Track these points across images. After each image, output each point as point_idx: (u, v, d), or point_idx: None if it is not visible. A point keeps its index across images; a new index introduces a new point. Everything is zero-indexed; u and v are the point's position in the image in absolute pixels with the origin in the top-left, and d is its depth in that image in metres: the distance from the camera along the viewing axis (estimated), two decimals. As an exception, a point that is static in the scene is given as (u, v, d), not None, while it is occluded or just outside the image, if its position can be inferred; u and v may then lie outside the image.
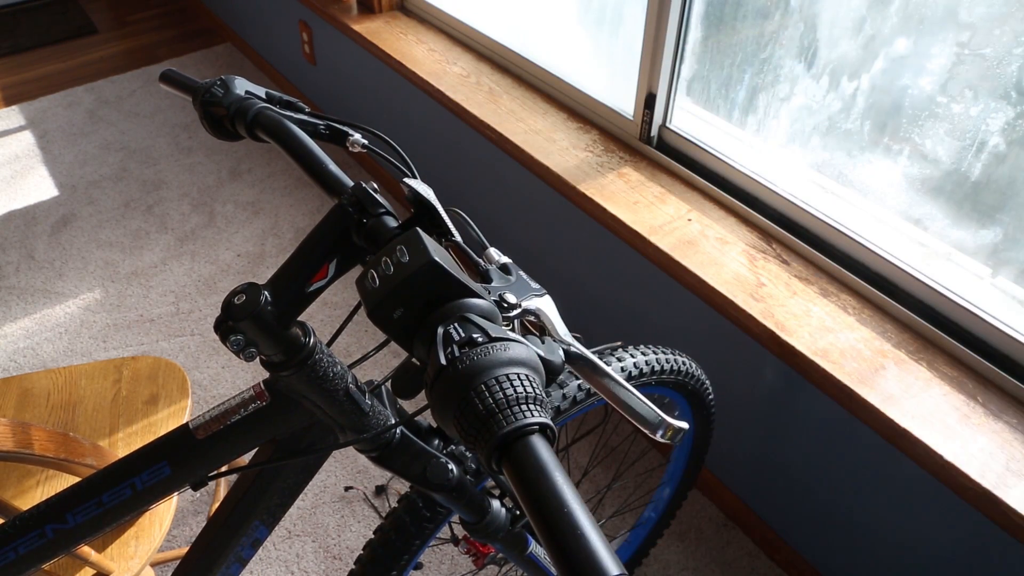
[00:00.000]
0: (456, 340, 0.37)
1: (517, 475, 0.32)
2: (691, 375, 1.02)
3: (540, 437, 0.34)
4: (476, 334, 0.38)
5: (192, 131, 2.76)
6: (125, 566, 1.05)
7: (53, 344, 1.99)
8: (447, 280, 0.40)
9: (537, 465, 0.32)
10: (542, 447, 0.33)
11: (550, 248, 1.73)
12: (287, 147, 0.62)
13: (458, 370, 0.36)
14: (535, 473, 0.32)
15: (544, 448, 0.33)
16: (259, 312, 0.49)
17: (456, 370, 0.36)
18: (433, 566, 1.51)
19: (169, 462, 0.58)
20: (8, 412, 1.22)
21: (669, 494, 1.28)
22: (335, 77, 2.44)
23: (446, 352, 0.37)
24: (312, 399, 0.57)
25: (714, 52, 1.35)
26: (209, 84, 0.67)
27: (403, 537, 0.85)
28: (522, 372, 0.36)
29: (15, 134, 2.78)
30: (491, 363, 0.36)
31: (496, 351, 0.36)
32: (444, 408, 0.36)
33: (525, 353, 0.37)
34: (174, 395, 1.26)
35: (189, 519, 1.61)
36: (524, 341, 0.39)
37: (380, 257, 0.41)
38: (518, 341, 0.38)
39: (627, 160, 1.47)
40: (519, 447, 0.33)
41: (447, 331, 0.38)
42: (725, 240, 1.28)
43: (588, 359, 0.45)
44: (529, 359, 0.37)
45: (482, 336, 0.37)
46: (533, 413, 0.34)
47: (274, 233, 2.32)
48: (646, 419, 0.44)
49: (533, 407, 0.35)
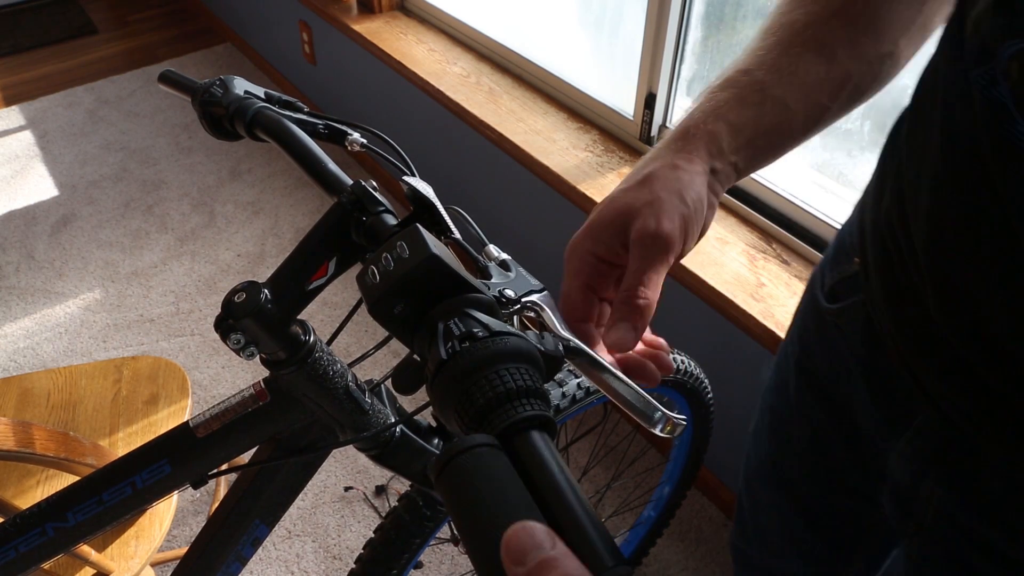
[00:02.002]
0: (457, 335, 0.37)
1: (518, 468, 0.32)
2: (690, 374, 1.03)
3: (541, 430, 0.34)
4: (476, 329, 0.38)
5: (192, 131, 2.77)
6: (125, 566, 1.05)
7: (53, 344, 2.00)
8: (447, 275, 0.40)
9: (538, 458, 0.32)
10: (543, 440, 0.33)
11: (550, 247, 1.73)
12: (286, 146, 0.62)
13: (459, 364, 0.36)
14: (536, 466, 0.32)
15: (545, 441, 0.33)
16: (259, 310, 0.49)
17: (457, 364, 0.36)
18: (433, 565, 1.51)
19: (169, 460, 0.58)
20: (8, 412, 1.22)
21: (668, 493, 1.28)
22: (335, 77, 2.44)
23: (447, 347, 0.37)
24: (312, 397, 0.57)
25: (714, 52, 1.35)
26: (208, 84, 0.67)
27: (403, 536, 0.85)
28: (522, 366, 0.36)
29: (15, 134, 2.78)
30: (491, 357, 0.36)
31: (496, 345, 0.37)
32: (445, 402, 0.36)
33: (525, 347, 0.38)
34: (174, 395, 1.26)
35: (189, 519, 1.61)
36: (524, 336, 0.39)
37: (380, 253, 0.41)
38: (518, 335, 0.38)
39: (627, 160, 1.47)
40: (520, 440, 0.33)
41: (447, 326, 0.38)
42: (725, 240, 1.29)
43: (586, 353, 0.45)
44: (529, 353, 0.38)
45: (482, 331, 0.37)
46: (534, 406, 0.34)
47: (274, 233, 2.32)
48: (645, 413, 0.44)
49: (534, 401, 0.35)
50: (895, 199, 0.50)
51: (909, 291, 0.49)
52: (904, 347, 0.51)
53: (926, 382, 0.50)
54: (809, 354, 0.67)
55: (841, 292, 0.61)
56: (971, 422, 0.48)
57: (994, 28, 0.37)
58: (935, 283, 0.46)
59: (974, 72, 0.38)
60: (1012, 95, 0.36)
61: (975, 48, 0.39)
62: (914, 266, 0.48)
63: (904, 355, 0.52)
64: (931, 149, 0.44)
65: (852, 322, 0.59)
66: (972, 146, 0.40)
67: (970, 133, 0.40)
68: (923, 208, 0.45)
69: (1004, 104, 0.36)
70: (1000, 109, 0.37)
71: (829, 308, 0.62)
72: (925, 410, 0.53)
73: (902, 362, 0.52)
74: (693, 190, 0.46)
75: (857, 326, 0.59)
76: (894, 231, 0.50)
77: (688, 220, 0.46)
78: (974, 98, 0.39)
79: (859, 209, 0.60)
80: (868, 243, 0.55)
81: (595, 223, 0.47)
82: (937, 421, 0.52)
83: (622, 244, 0.46)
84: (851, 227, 0.62)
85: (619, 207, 0.46)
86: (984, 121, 0.38)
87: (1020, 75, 0.35)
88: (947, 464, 0.52)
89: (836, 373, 0.63)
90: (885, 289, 0.52)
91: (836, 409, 0.65)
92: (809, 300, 0.68)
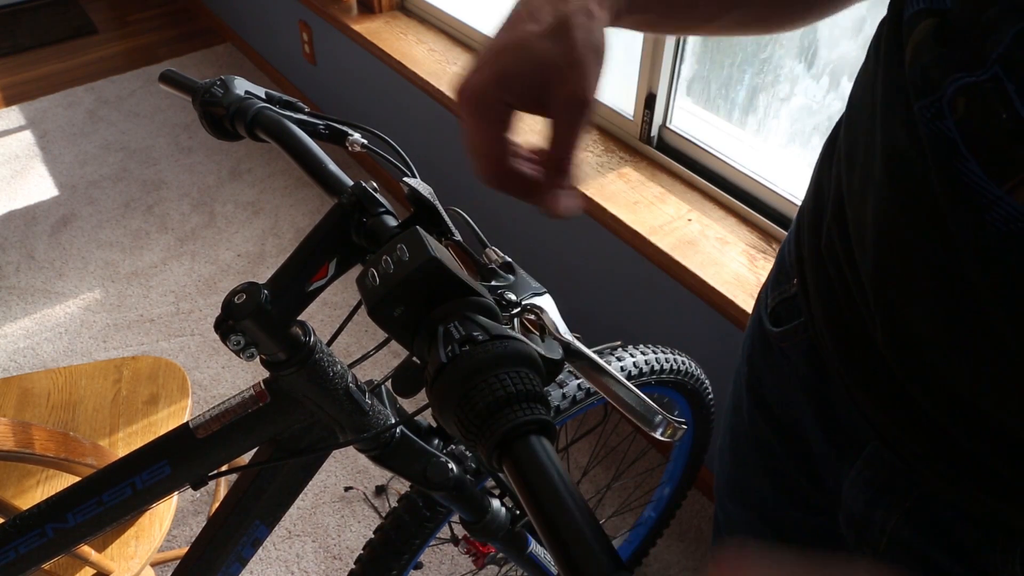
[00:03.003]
0: (456, 338, 0.37)
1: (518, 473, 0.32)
2: (691, 375, 1.03)
3: (541, 435, 0.34)
4: (476, 332, 0.37)
5: (192, 131, 2.76)
6: (125, 566, 1.05)
7: (53, 344, 2.00)
8: (448, 278, 0.40)
9: (538, 463, 0.32)
10: (543, 445, 0.33)
11: (550, 248, 1.73)
12: (287, 147, 0.62)
13: (458, 368, 0.36)
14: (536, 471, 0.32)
15: (545, 446, 0.33)
16: (259, 311, 0.49)
17: (456, 368, 0.36)
18: (433, 566, 1.51)
19: (169, 461, 0.57)
20: (8, 412, 1.22)
21: (669, 493, 1.28)
22: (335, 77, 2.44)
23: (446, 350, 0.37)
24: (312, 398, 0.57)
25: (714, 52, 1.35)
26: (208, 84, 0.67)
27: (403, 536, 0.85)
28: (522, 370, 0.36)
29: (15, 134, 2.78)
30: (491, 361, 0.36)
31: (496, 349, 0.36)
32: (444, 406, 0.36)
33: (525, 351, 0.37)
34: (174, 395, 1.26)
35: (189, 519, 1.61)
36: (524, 339, 0.39)
37: (380, 255, 0.41)
38: (518, 339, 0.38)
39: (627, 160, 1.47)
40: (520, 445, 0.33)
41: (447, 329, 0.38)
42: (725, 240, 1.28)
43: (587, 357, 0.45)
44: (529, 357, 0.37)
45: (482, 334, 0.37)
46: (533, 411, 0.34)
47: (274, 233, 2.32)
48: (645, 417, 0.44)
49: (534, 405, 0.35)
50: (837, 226, 0.48)
51: (855, 322, 0.47)
52: (849, 376, 0.50)
53: (870, 412, 0.49)
54: (758, 376, 0.66)
55: (784, 314, 0.59)
56: (914, 455, 0.47)
57: (937, 59, 0.36)
58: (883, 317, 0.44)
59: (918, 104, 0.37)
60: (959, 131, 0.34)
61: (917, 76, 0.37)
62: (861, 298, 0.46)
63: (849, 384, 0.51)
64: (873, 177, 0.43)
65: (796, 346, 0.58)
66: (920, 179, 0.38)
67: (917, 165, 0.38)
68: (869, 240, 0.44)
69: (952, 140, 0.35)
70: (948, 145, 0.35)
71: (773, 332, 0.61)
72: (872, 439, 0.52)
73: (847, 390, 0.51)
74: (605, 44, 0.43)
75: (802, 350, 0.57)
76: (837, 260, 0.48)
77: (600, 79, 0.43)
78: (919, 129, 0.37)
79: (796, 227, 0.59)
80: (807, 267, 0.54)
81: (507, 71, 0.42)
82: (885, 451, 0.51)
83: (534, 99, 0.42)
84: (789, 245, 0.60)
85: (537, 59, 0.41)
86: (932, 156, 0.36)
87: (967, 111, 0.34)
88: (898, 493, 0.51)
89: (785, 397, 0.62)
90: (828, 318, 0.51)
91: (786, 433, 0.63)
92: (755, 322, 0.66)
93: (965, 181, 0.35)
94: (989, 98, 0.33)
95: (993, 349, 0.38)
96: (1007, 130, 0.33)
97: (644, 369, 0.95)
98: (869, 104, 0.44)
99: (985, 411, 0.41)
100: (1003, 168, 0.33)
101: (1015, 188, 0.33)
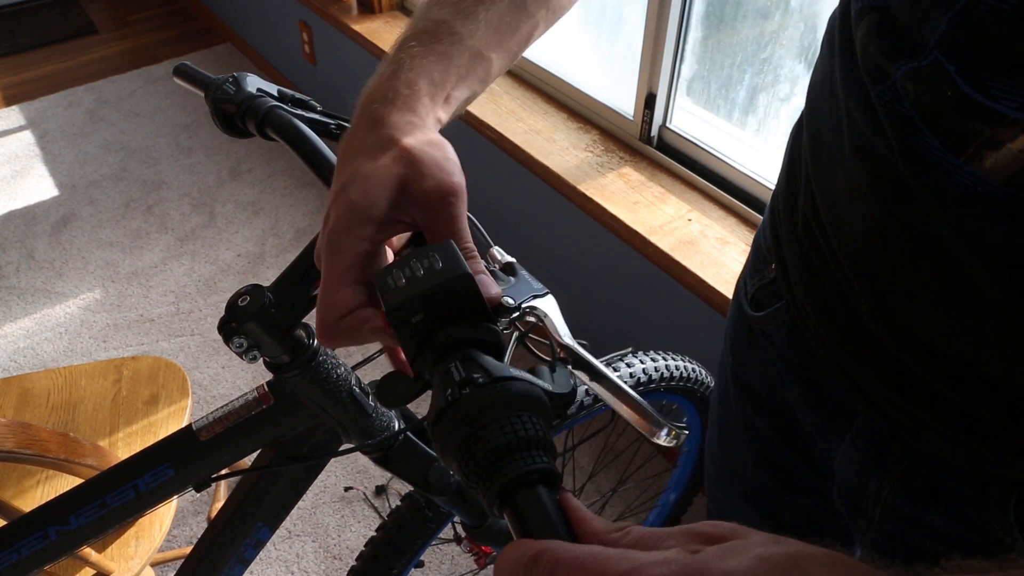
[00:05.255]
0: (456, 380, 0.36)
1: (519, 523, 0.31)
2: (700, 382, 1.02)
3: (542, 484, 0.33)
4: (477, 374, 0.36)
5: (192, 131, 2.76)
6: (125, 566, 1.05)
7: (53, 344, 1.99)
8: (474, 298, 0.39)
9: (539, 514, 0.31)
10: (544, 495, 0.32)
11: (550, 248, 1.73)
12: (295, 146, 0.62)
13: (458, 413, 0.35)
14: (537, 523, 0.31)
15: (546, 496, 0.32)
16: (263, 314, 0.49)
17: (456, 412, 0.35)
18: (434, 565, 1.51)
19: (172, 464, 0.58)
20: (8, 412, 1.22)
21: (674, 499, 1.28)
22: (335, 77, 2.44)
23: (447, 393, 0.36)
24: (316, 401, 0.57)
25: (714, 52, 1.35)
26: (221, 80, 0.67)
27: (405, 535, 0.85)
28: (524, 414, 0.35)
29: (15, 134, 2.78)
30: (492, 406, 0.34)
31: (498, 393, 0.35)
32: (445, 450, 0.35)
33: (528, 392, 0.36)
34: (174, 395, 1.26)
35: (189, 519, 1.61)
36: (528, 378, 0.37)
37: (409, 258, 0.39)
38: (522, 379, 0.37)
39: (627, 160, 1.47)
40: (520, 496, 0.32)
41: (448, 370, 0.37)
42: (725, 240, 1.29)
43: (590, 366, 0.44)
44: (532, 398, 0.36)
45: (483, 376, 0.36)
46: (535, 459, 0.33)
47: (274, 233, 2.32)
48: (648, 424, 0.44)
49: (536, 452, 0.33)
50: (811, 209, 0.50)
51: (838, 298, 0.49)
52: (837, 351, 0.51)
53: (862, 383, 0.51)
54: (742, 364, 0.67)
55: (764, 299, 0.61)
56: (910, 419, 0.49)
57: (881, 50, 0.39)
58: (865, 290, 0.46)
59: (874, 90, 0.40)
60: (916, 110, 0.38)
61: (870, 67, 0.40)
62: (841, 275, 0.48)
63: (838, 358, 0.52)
64: (844, 161, 0.45)
65: (779, 328, 0.59)
66: (884, 157, 0.41)
67: (881, 145, 0.41)
68: (844, 219, 0.46)
69: (910, 118, 0.38)
70: (907, 124, 0.38)
71: (755, 316, 0.62)
72: (863, 410, 0.53)
73: (836, 365, 0.52)
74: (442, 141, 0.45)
75: (784, 332, 0.59)
76: (815, 241, 0.50)
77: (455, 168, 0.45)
78: (878, 113, 0.40)
79: (770, 213, 0.60)
80: (787, 252, 0.55)
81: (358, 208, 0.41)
82: (876, 420, 0.53)
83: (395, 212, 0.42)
84: (765, 232, 0.62)
85: (385, 181, 0.41)
86: (894, 134, 0.39)
87: (916, 92, 0.37)
88: (890, 461, 0.53)
89: (770, 381, 0.63)
90: (811, 296, 0.52)
91: (775, 415, 0.64)
92: (736, 310, 0.67)
93: (926, 155, 0.38)
94: (934, 80, 0.36)
95: (975, 305, 0.40)
96: (954, 107, 0.35)
97: (653, 376, 0.95)
98: (829, 92, 0.47)
99: (975, 368, 0.42)
100: (958, 141, 0.36)
101: (971, 157, 0.36)
